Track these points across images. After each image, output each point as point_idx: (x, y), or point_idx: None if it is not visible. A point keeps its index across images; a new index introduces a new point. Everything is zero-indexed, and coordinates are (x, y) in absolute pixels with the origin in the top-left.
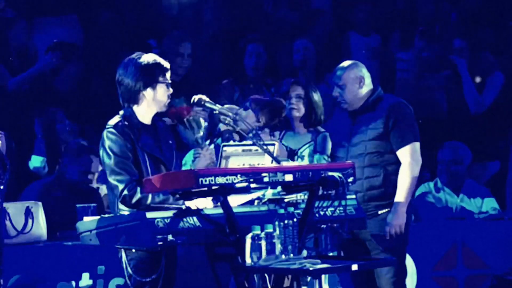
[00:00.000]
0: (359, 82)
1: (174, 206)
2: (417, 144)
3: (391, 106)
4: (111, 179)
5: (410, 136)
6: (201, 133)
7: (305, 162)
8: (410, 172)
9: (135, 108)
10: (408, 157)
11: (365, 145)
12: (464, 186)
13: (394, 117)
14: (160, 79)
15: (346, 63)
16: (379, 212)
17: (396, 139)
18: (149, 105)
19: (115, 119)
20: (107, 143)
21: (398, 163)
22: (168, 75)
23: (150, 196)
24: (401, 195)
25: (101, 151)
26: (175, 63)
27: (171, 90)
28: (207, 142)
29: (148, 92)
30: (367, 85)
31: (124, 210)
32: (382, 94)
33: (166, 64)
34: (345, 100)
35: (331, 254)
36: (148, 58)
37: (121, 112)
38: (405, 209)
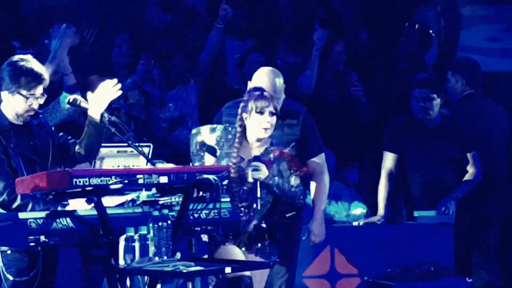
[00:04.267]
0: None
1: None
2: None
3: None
4: None
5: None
6: None
7: None
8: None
9: (3, 108)
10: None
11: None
12: (331, 190)
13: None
14: (23, 91)
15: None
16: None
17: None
18: (11, 108)
19: None
20: None
21: None
22: (38, 89)
23: (30, 204)
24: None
25: None
26: None
27: (34, 104)
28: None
29: (5, 96)
30: None
31: None
32: None
33: (41, 79)
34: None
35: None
36: (27, 64)
37: None
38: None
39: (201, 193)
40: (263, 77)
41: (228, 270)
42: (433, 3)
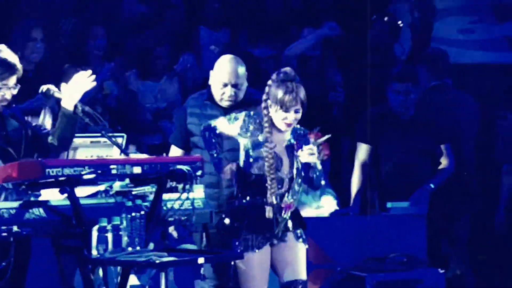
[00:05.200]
0: None
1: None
2: None
3: None
4: None
5: None
6: None
7: None
8: None
9: None
10: None
11: None
12: None
13: None
14: None
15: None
16: None
17: None
18: None
19: None
20: None
21: None
22: (11, 80)
23: (3, 195)
24: None
25: None
26: (27, 49)
27: (7, 94)
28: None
29: None
30: None
31: None
32: None
33: (14, 69)
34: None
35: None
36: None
37: None
38: None
39: (174, 183)
40: (225, 65)
41: (201, 260)
42: None
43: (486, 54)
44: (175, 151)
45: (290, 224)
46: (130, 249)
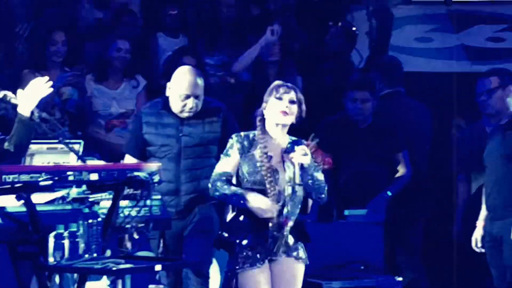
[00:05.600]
0: None
1: None
2: None
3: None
4: None
5: None
6: None
7: None
8: None
9: None
10: None
11: None
12: None
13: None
14: None
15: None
16: None
17: None
18: None
19: None
20: None
21: None
22: None
23: None
24: None
25: None
26: None
27: None
28: None
29: None
30: None
31: None
32: None
33: None
34: None
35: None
36: None
37: None
38: None
39: (132, 190)
40: (184, 76)
41: (158, 267)
42: (365, 2)
43: (443, 63)
44: (129, 160)
45: (290, 239)
46: (87, 256)
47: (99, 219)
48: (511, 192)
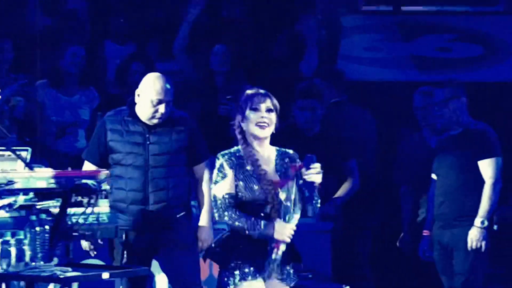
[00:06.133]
0: None
1: None
2: None
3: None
4: None
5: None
6: None
7: None
8: None
9: None
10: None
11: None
12: None
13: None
14: None
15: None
16: None
17: None
18: None
19: None
20: None
21: None
22: None
23: None
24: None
25: None
26: None
27: None
28: None
29: None
30: None
31: None
32: None
33: None
34: None
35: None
36: None
37: None
38: None
39: (79, 198)
40: (153, 82)
41: (105, 275)
42: (314, 12)
43: (391, 72)
44: (88, 167)
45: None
46: (33, 263)
47: (46, 227)
48: (462, 202)
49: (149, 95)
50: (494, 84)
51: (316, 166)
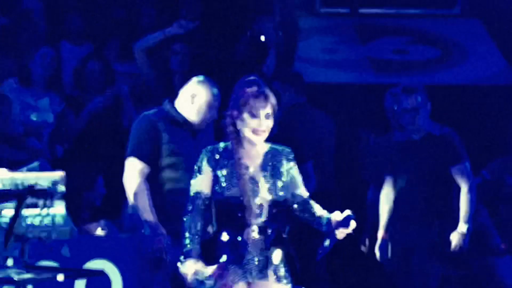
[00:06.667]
0: None
1: None
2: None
3: None
4: None
5: None
6: None
7: None
8: None
9: None
10: None
11: None
12: None
13: None
14: None
15: None
16: None
17: None
18: None
19: None
20: None
21: None
22: None
23: None
24: None
25: None
26: None
27: None
28: None
29: None
30: None
31: None
32: None
33: None
34: None
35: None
36: None
37: None
38: None
39: (35, 199)
40: (205, 85)
41: (60, 277)
42: (271, 13)
43: (348, 74)
44: (134, 165)
45: (275, 259)
46: None
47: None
48: (423, 204)
49: (204, 98)
50: (451, 86)
51: (353, 226)
